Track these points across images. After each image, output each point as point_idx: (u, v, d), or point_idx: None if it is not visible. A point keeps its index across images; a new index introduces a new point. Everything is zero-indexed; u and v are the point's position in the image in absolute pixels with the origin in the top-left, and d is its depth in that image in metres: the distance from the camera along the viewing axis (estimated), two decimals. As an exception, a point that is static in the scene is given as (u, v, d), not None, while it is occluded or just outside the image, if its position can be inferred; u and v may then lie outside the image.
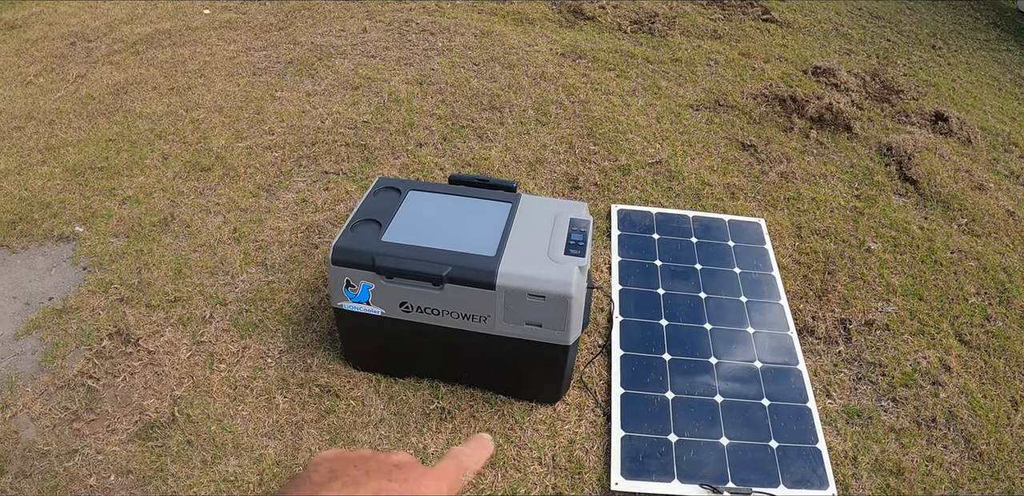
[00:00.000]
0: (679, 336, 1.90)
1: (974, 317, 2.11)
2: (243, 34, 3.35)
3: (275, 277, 2.08)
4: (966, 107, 3.11)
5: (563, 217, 1.59)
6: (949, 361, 1.98)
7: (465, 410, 1.71)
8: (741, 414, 1.73)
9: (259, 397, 1.75)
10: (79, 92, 2.90)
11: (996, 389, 1.93)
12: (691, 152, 2.65)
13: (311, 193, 2.39)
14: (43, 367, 1.85)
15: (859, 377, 1.93)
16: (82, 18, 3.50)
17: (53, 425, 1.71)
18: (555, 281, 1.42)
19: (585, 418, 1.71)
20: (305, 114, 2.75)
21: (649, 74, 3.13)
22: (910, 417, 1.83)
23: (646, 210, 2.32)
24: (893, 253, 2.31)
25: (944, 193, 2.55)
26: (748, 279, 2.10)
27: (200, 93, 2.88)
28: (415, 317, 1.56)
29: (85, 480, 1.60)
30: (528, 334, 1.51)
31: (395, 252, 1.49)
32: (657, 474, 1.58)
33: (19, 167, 2.51)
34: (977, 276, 2.25)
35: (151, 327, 1.94)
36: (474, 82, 2.97)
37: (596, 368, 1.83)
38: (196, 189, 2.41)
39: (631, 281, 2.05)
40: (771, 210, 2.42)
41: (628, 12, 3.67)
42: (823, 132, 2.83)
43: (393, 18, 3.48)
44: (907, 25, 3.89)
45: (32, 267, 2.16)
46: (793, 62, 3.34)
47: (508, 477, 1.58)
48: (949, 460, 1.74)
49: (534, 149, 2.59)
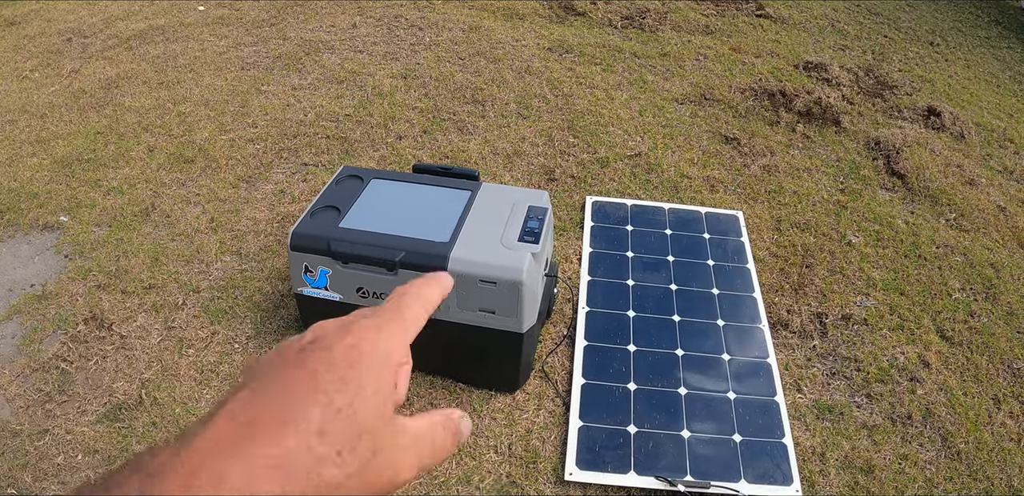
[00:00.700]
0: (646, 327, 1.89)
1: (957, 313, 2.07)
2: (235, 30, 3.39)
3: (248, 265, 2.10)
4: (961, 103, 3.06)
5: (521, 205, 1.58)
6: (928, 357, 1.94)
7: (423, 397, 1.71)
8: (705, 407, 1.71)
9: (224, 381, 1.77)
10: (72, 86, 2.95)
11: (977, 386, 1.89)
12: (672, 145, 2.63)
13: (289, 184, 2.40)
14: (21, 350, 1.88)
15: (833, 372, 1.90)
16: (79, 15, 3.56)
17: (27, 406, 1.74)
18: (506, 267, 1.42)
19: (544, 408, 1.70)
20: (289, 107, 2.77)
21: (636, 68, 3.12)
22: (884, 414, 1.79)
23: (621, 202, 2.31)
24: (875, 247, 2.27)
25: (933, 188, 2.51)
26: (722, 271, 2.08)
27: (188, 87, 2.92)
28: (372, 303, 1.56)
29: (53, 459, 1.62)
30: (482, 321, 1.51)
31: (351, 238, 1.50)
32: (613, 465, 1.56)
33: (10, 159, 2.55)
34: (963, 271, 2.21)
35: (125, 313, 1.96)
36: (458, 76, 2.97)
37: (559, 358, 1.82)
38: (178, 180, 2.43)
39: (600, 272, 2.04)
40: (751, 203, 2.39)
41: (620, 7, 3.66)
42: (810, 126, 2.80)
43: (383, 14, 3.50)
44: (905, 22, 3.83)
45: (17, 255, 2.19)
46: (785, 57, 3.31)
47: (463, 464, 1.58)
48: (924, 458, 1.70)
49: (513, 142, 2.59)
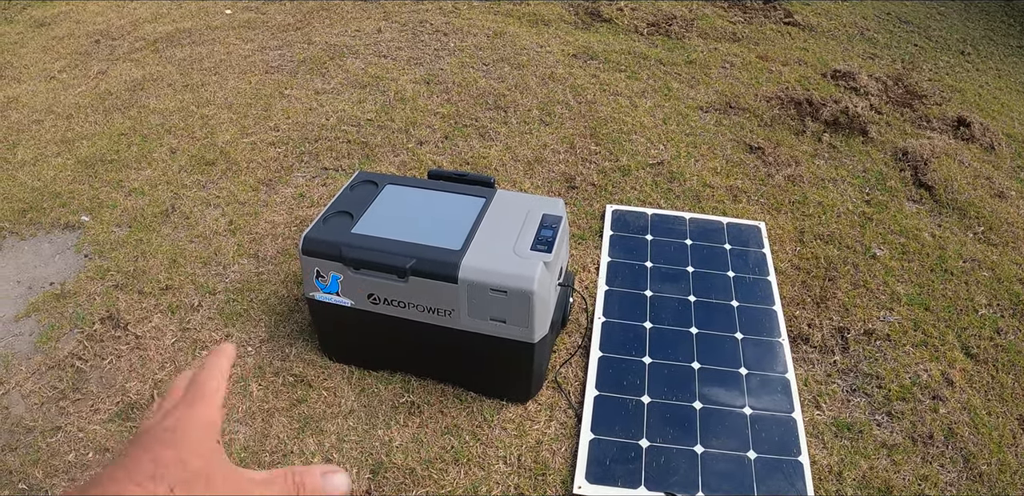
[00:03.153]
0: (662, 339, 1.85)
1: (983, 330, 2.01)
2: (260, 33, 3.42)
3: (265, 269, 2.11)
4: (992, 113, 2.99)
5: (535, 213, 1.56)
6: (952, 375, 1.88)
7: (434, 405, 1.69)
8: (720, 422, 1.67)
9: (235, 384, 1.77)
10: (98, 88, 2.99)
11: (1002, 406, 1.83)
12: (695, 154, 2.59)
13: (309, 188, 2.41)
14: (38, 348, 1.91)
15: (853, 389, 1.85)
16: (108, 17, 3.62)
17: (41, 402, 1.76)
18: (518, 276, 1.40)
19: (556, 419, 1.68)
20: (311, 111, 2.79)
21: (661, 76, 3.09)
22: (905, 433, 1.74)
23: (641, 211, 2.28)
24: (901, 260, 2.22)
25: (961, 200, 2.45)
26: (742, 283, 2.04)
27: (212, 90, 2.95)
28: (383, 309, 1.55)
29: (65, 456, 1.64)
30: (493, 330, 1.49)
31: (362, 244, 1.49)
32: (623, 480, 1.53)
33: (35, 158, 2.59)
34: (990, 287, 2.15)
35: (141, 313, 1.98)
36: (481, 82, 2.96)
37: (573, 369, 1.80)
38: (199, 182, 2.45)
39: (618, 282, 2.01)
40: (774, 214, 2.35)
41: (646, 14, 3.63)
42: (837, 136, 2.75)
43: (408, 19, 3.51)
44: (936, 30, 3.75)
45: (38, 253, 2.22)
46: (812, 66, 3.26)
47: (471, 474, 1.56)
48: (945, 480, 1.64)
49: (534, 148, 2.57)
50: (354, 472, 1.57)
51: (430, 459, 1.59)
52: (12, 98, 2.95)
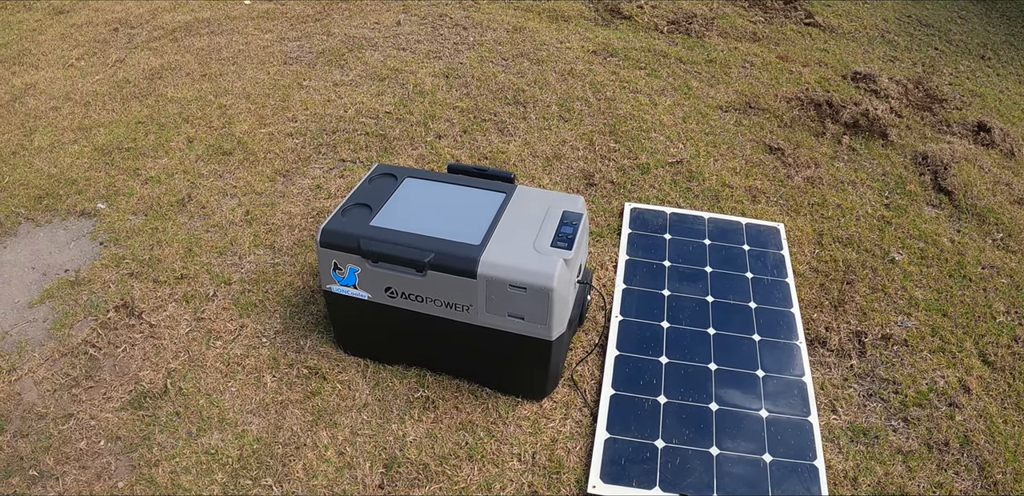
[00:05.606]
0: (679, 339, 1.84)
1: (1001, 337, 1.99)
2: (279, 24, 3.41)
3: (281, 260, 2.10)
4: (1012, 119, 2.95)
5: (556, 209, 1.55)
6: (969, 382, 1.86)
7: (449, 400, 1.69)
8: (736, 424, 1.66)
9: (249, 375, 1.77)
10: (116, 76, 2.99)
11: (1018, 414, 1.81)
12: (715, 153, 2.57)
13: (326, 180, 2.40)
14: (51, 334, 1.91)
15: (870, 393, 1.83)
16: (127, 5, 3.61)
17: (54, 389, 1.76)
18: (537, 272, 1.39)
19: (571, 417, 1.67)
20: (330, 103, 2.78)
21: (680, 74, 3.07)
22: (921, 439, 1.72)
23: (660, 210, 2.26)
24: (919, 265, 2.20)
25: (980, 206, 2.42)
26: (760, 285, 2.03)
27: (231, 80, 2.94)
28: (400, 303, 1.55)
29: (76, 443, 1.64)
30: (510, 326, 1.48)
31: (381, 236, 1.48)
32: (638, 480, 1.52)
33: (52, 145, 2.59)
34: (1008, 294, 2.13)
35: (156, 302, 1.97)
36: (500, 76, 2.95)
37: (589, 367, 1.79)
38: (216, 172, 2.45)
39: (636, 281, 2.00)
40: (793, 215, 2.33)
41: (666, 12, 3.60)
42: (856, 138, 2.72)
43: (428, 12, 3.50)
44: (957, 34, 3.71)
45: (54, 240, 2.22)
46: (833, 67, 3.23)
47: (485, 471, 1.55)
48: (960, 488, 1.63)
49: (553, 144, 2.56)
50: (367, 466, 1.57)
51: (444, 455, 1.58)
52: (30, 85, 2.95)
